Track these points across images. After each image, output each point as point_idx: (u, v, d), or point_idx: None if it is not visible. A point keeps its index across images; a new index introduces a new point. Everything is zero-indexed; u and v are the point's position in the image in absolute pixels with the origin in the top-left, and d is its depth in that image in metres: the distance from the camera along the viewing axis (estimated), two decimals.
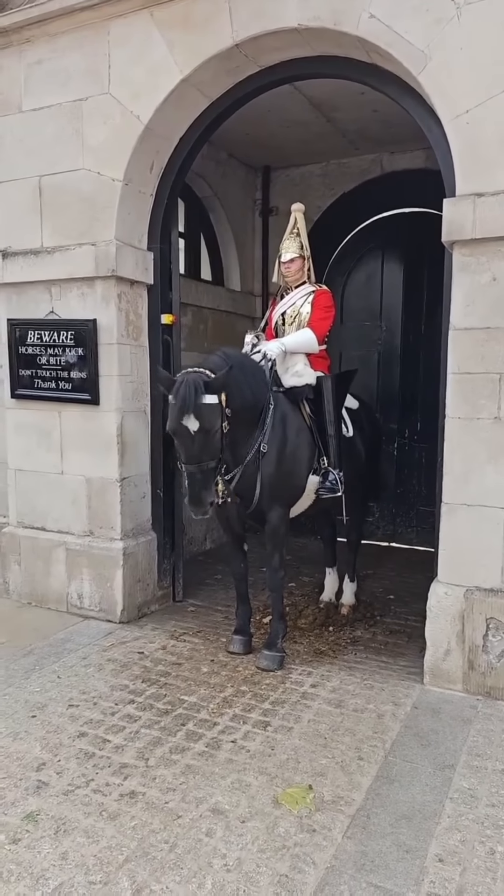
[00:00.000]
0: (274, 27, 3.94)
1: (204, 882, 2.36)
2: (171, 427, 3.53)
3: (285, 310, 4.44)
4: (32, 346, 4.94)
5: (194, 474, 3.52)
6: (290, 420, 4.05)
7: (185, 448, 3.52)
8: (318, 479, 4.18)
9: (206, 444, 3.51)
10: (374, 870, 2.43)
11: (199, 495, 3.53)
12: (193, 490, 3.54)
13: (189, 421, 3.45)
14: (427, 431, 6.48)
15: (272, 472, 3.89)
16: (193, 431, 3.46)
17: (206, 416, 3.47)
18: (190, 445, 3.49)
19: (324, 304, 4.36)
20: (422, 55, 3.59)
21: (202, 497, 3.53)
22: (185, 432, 3.47)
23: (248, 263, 7.14)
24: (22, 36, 4.70)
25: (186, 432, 3.47)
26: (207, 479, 3.55)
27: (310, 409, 4.23)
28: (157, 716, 3.47)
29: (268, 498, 3.93)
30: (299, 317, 4.38)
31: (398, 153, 6.47)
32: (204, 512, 3.56)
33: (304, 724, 3.40)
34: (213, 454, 3.56)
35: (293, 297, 4.43)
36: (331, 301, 4.41)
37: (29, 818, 2.69)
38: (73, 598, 4.94)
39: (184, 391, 3.46)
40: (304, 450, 4.10)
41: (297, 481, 4.07)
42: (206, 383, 3.49)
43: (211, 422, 3.49)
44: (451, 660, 3.75)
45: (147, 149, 4.52)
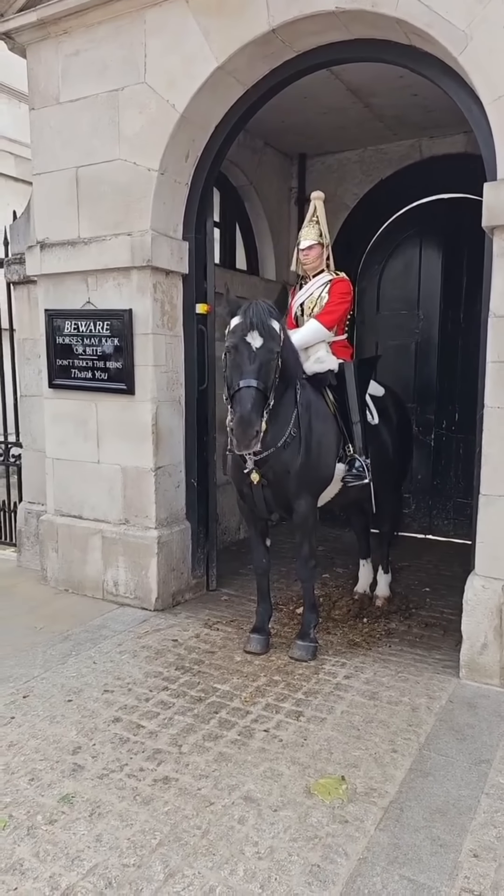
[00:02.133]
0: (311, 10, 3.88)
1: (236, 869, 2.37)
2: (233, 342, 3.48)
3: (304, 300, 4.38)
4: (69, 336, 4.99)
5: (247, 394, 3.39)
6: (315, 407, 4.01)
7: (242, 365, 3.44)
8: (344, 466, 4.14)
9: (263, 367, 3.46)
10: (408, 863, 2.42)
11: (248, 418, 3.34)
12: (244, 411, 3.36)
13: (253, 337, 3.45)
14: (465, 422, 6.38)
15: (301, 460, 3.86)
16: (255, 348, 3.45)
17: (269, 337, 3.48)
18: (248, 362, 3.44)
19: (338, 293, 4.28)
20: (462, 35, 3.50)
21: (251, 420, 3.35)
22: (246, 348, 3.45)
23: (283, 252, 7.08)
24: (59, 27, 4.72)
25: (248, 348, 3.45)
26: (258, 403, 3.42)
27: (333, 397, 4.20)
28: (191, 703, 3.49)
29: (296, 486, 3.90)
30: (318, 306, 4.32)
31: (437, 138, 6.35)
32: (248, 443, 3.38)
33: (338, 715, 3.39)
34: (266, 382, 3.48)
35: (311, 287, 4.37)
36: (347, 289, 4.33)
37: (65, 800, 2.74)
38: (109, 585, 5.00)
39: (252, 310, 3.49)
40: (331, 437, 4.06)
41: (324, 469, 4.04)
42: (274, 309, 3.56)
43: (271, 346, 3.50)
44: (488, 654, 3.69)
45: (182, 138, 4.51)
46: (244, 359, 3.46)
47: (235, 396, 3.46)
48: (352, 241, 6.73)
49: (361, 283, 6.95)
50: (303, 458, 3.86)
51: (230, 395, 3.52)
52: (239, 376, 3.45)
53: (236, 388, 3.45)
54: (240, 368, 3.46)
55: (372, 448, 4.32)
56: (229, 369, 3.54)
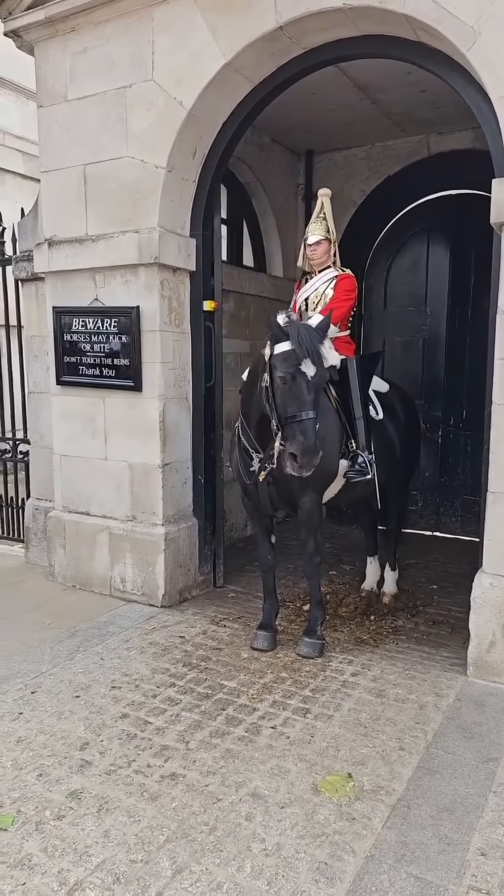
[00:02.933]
0: (318, 7, 3.87)
1: (243, 865, 2.38)
2: (290, 372, 3.41)
3: (308, 295, 4.37)
4: (77, 333, 5.00)
5: (310, 425, 3.39)
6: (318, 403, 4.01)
7: (299, 395, 3.41)
8: (346, 462, 4.13)
9: (317, 395, 3.48)
10: (415, 861, 2.42)
11: (314, 448, 3.37)
12: (309, 443, 3.36)
13: (307, 366, 3.41)
14: (473, 419, 6.36)
15: None
16: (310, 377, 3.42)
17: (321, 364, 3.47)
18: (305, 392, 3.42)
19: (344, 289, 4.28)
20: (471, 31, 3.48)
21: (316, 449, 3.38)
22: (302, 378, 3.42)
23: (290, 249, 7.06)
24: (67, 25, 4.72)
25: (304, 378, 3.42)
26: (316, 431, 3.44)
27: (335, 392, 4.19)
28: (198, 700, 3.50)
29: (300, 482, 3.89)
30: (323, 302, 4.31)
31: (445, 134, 6.32)
32: (311, 468, 3.41)
33: (345, 712, 3.39)
34: (318, 407, 3.50)
35: (316, 282, 4.36)
36: (353, 285, 4.32)
37: (73, 796, 2.75)
38: (116, 581, 5.02)
39: (304, 336, 3.42)
40: (333, 432, 4.05)
41: (328, 464, 4.02)
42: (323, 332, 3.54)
43: (323, 373, 3.51)
44: (496, 652, 3.68)
45: (190, 135, 4.51)
46: (301, 389, 3.42)
47: (294, 426, 3.42)
48: (359, 238, 6.70)
49: (369, 280, 6.93)
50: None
51: (283, 423, 3.47)
52: (297, 407, 3.42)
53: (296, 418, 3.42)
54: (297, 399, 3.42)
55: (377, 444, 4.31)
56: (282, 397, 3.47)
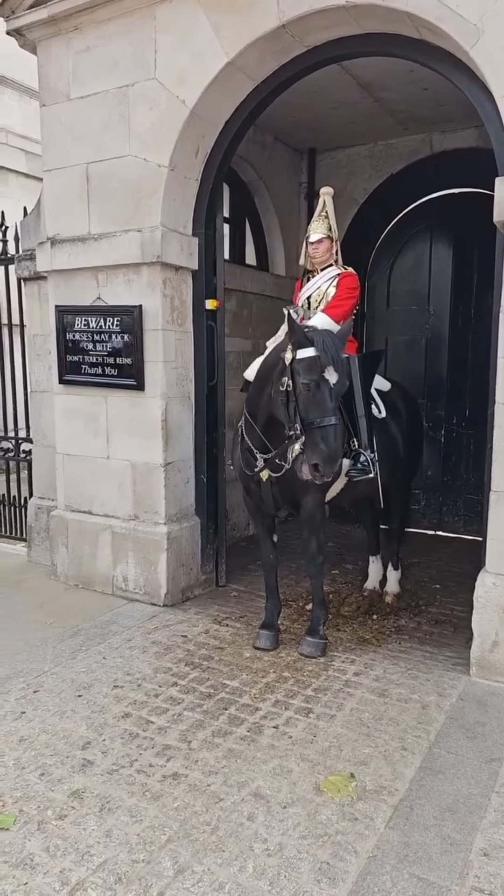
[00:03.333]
0: (321, 5, 3.85)
1: (245, 865, 2.37)
2: (314, 379, 3.42)
3: (311, 293, 4.36)
4: (79, 332, 5.00)
5: (333, 431, 3.43)
6: None
7: (323, 402, 3.43)
8: (348, 461, 4.13)
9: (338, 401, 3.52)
10: (417, 861, 2.41)
11: (337, 455, 3.44)
12: (332, 450, 3.40)
13: (330, 373, 3.44)
14: (476, 418, 6.34)
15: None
16: (333, 384, 3.45)
17: (342, 371, 3.50)
18: (329, 399, 3.45)
19: (346, 287, 4.25)
20: (474, 29, 3.47)
21: (339, 454, 3.46)
22: (325, 385, 3.44)
23: (293, 248, 7.05)
24: (70, 24, 4.71)
25: (327, 385, 3.44)
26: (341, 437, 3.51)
27: None
28: (200, 699, 3.50)
29: (303, 482, 3.89)
30: (325, 300, 4.30)
31: (448, 132, 6.30)
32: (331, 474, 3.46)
33: (347, 712, 3.39)
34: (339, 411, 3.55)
35: (318, 281, 4.34)
36: (355, 284, 4.30)
37: (75, 795, 2.75)
38: (119, 580, 5.02)
39: (328, 344, 3.46)
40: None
41: None
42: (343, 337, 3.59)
43: (345, 380, 3.54)
44: (499, 651, 3.68)
45: (192, 133, 4.50)
46: (325, 396, 3.44)
47: (318, 432, 3.42)
48: (362, 236, 6.69)
49: (371, 279, 6.92)
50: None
51: (306, 428, 3.46)
52: (319, 413, 3.43)
53: (317, 424, 3.43)
54: (320, 406, 3.43)
55: (380, 443, 4.30)
56: (305, 403, 3.46)
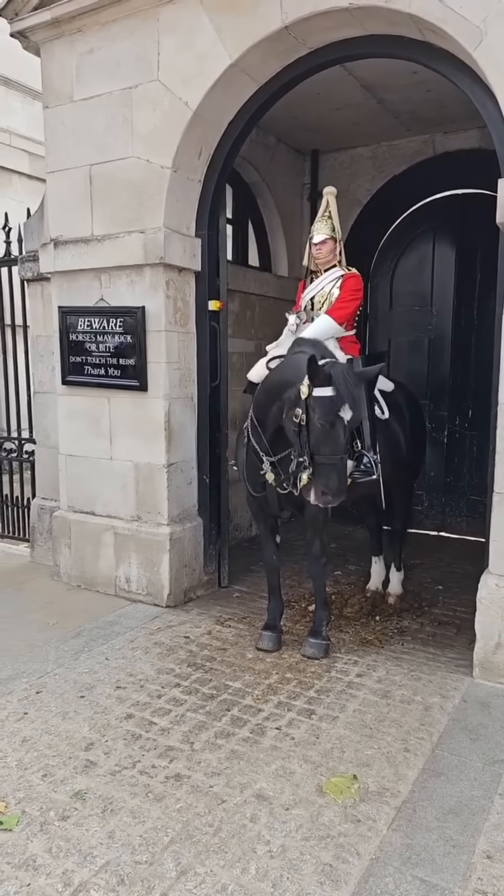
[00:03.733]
0: (324, 7, 3.85)
1: (248, 867, 2.37)
2: (329, 419, 3.44)
3: (314, 294, 4.35)
4: (82, 333, 5.01)
5: (342, 465, 3.51)
6: None
7: (335, 439, 3.46)
8: (352, 462, 4.13)
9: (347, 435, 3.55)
10: (420, 863, 2.41)
11: (344, 487, 3.50)
12: (341, 484, 3.49)
13: (345, 411, 3.46)
14: (479, 419, 6.34)
15: None
16: (346, 421, 3.48)
17: (356, 408, 3.53)
18: (341, 435, 3.48)
19: (350, 289, 4.25)
20: (477, 30, 3.47)
21: (344, 486, 3.51)
22: (340, 423, 3.46)
23: (295, 249, 7.05)
24: (73, 26, 4.72)
25: (341, 423, 3.47)
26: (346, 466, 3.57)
27: None
28: (203, 700, 3.50)
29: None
30: (329, 301, 4.30)
31: (451, 133, 6.30)
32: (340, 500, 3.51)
33: (350, 713, 3.39)
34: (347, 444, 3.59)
35: (322, 282, 4.34)
36: (359, 285, 4.30)
37: (77, 796, 2.75)
38: (121, 581, 5.02)
39: (345, 387, 3.46)
40: None
41: None
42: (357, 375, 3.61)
43: (357, 416, 3.57)
44: (502, 653, 3.67)
45: (195, 135, 4.51)
46: (339, 434, 3.46)
47: (329, 468, 3.46)
48: (364, 237, 6.69)
49: (374, 280, 6.92)
50: None
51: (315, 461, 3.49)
52: (332, 451, 3.46)
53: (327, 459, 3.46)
54: (334, 443, 3.46)
55: (382, 444, 4.30)
56: (318, 439, 3.47)
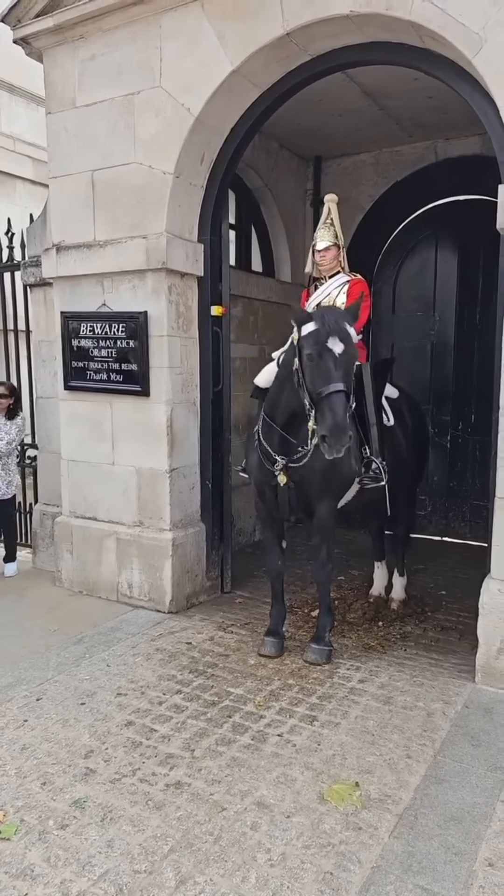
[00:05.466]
0: (325, 14, 3.87)
1: (248, 876, 2.36)
2: (316, 349, 3.40)
3: (320, 300, 4.37)
4: (85, 338, 5.02)
5: (339, 399, 3.33)
6: None
7: (327, 371, 3.37)
8: (360, 468, 4.12)
9: (347, 372, 3.44)
10: (422, 871, 2.40)
11: (344, 425, 3.31)
12: (339, 419, 3.30)
13: (335, 343, 3.41)
14: (481, 423, 6.33)
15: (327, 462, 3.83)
16: (338, 354, 3.41)
17: (349, 343, 3.46)
18: (333, 367, 3.38)
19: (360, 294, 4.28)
20: (477, 38, 3.47)
21: (346, 425, 3.33)
22: (329, 355, 3.39)
23: (298, 254, 7.05)
24: (76, 32, 4.74)
25: (331, 355, 3.39)
26: (347, 408, 3.38)
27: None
28: (204, 707, 3.49)
29: (320, 489, 3.89)
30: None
31: (453, 139, 6.31)
32: (341, 448, 3.34)
33: (352, 719, 3.37)
34: (349, 387, 3.44)
35: (327, 288, 4.35)
36: (366, 290, 4.33)
37: (77, 804, 2.74)
38: (123, 587, 5.01)
39: (329, 317, 3.45)
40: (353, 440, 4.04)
41: (348, 472, 4.02)
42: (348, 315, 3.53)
43: (352, 351, 3.48)
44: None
45: (197, 141, 4.52)
46: (329, 364, 3.39)
47: (324, 402, 3.38)
48: (367, 243, 6.70)
49: (377, 285, 6.91)
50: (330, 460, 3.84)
51: (312, 400, 3.45)
52: (325, 382, 3.38)
53: (323, 393, 3.37)
54: (325, 374, 3.39)
55: (387, 450, 4.30)
56: (310, 375, 3.45)
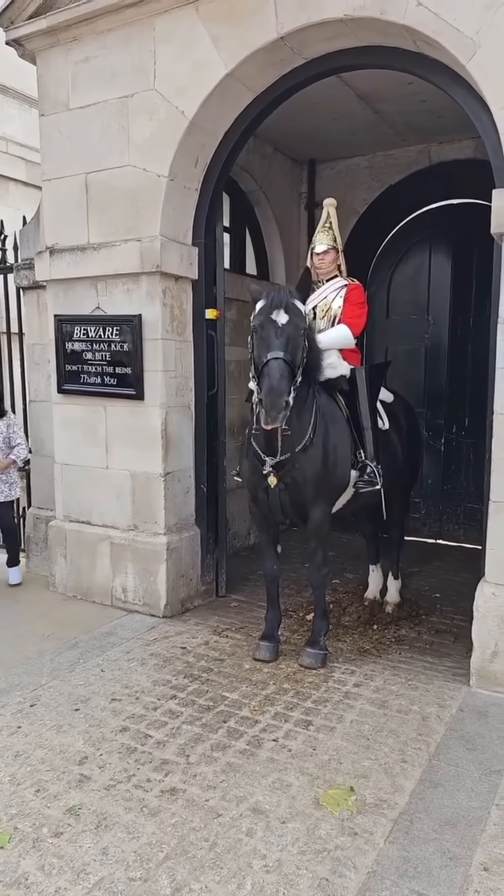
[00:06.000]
0: (319, 18, 3.88)
1: (243, 883, 2.35)
2: (260, 321, 3.57)
3: (316, 304, 4.37)
4: (79, 341, 5.00)
5: (275, 364, 3.44)
6: (330, 413, 4.01)
7: (269, 340, 3.52)
8: (356, 472, 4.12)
9: (290, 341, 3.52)
10: (417, 876, 2.39)
11: (279, 388, 3.38)
12: (273, 381, 3.40)
13: (278, 314, 3.53)
14: (475, 427, 6.35)
15: (321, 465, 3.85)
16: (281, 324, 3.51)
17: (294, 314, 3.55)
18: (274, 337, 3.51)
19: (357, 300, 4.29)
20: (471, 43, 3.48)
21: (281, 389, 3.39)
22: (272, 325, 3.53)
23: (293, 257, 7.08)
24: (69, 34, 4.74)
25: (274, 325, 3.53)
26: (287, 375, 3.45)
27: (344, 402, 4.19)
28: (199, 712, 3.47)
29: (313, 492, 3.89)
30: (330, 311, 4.31)
31: (447, 143, 6.33)
32: (276, 415, 3.38)
33: (347, 724, 3.36)
34: (294, 357, 3.53)
35: (324, 291, 4.36)
36: (364, 296, 4.34)
37: (71, 812, 2.72)
38: (118, 591, 4.99)
39: (275, 293, 3.62)
40: (346, 443, 4.06)
41: (341, 476, 4.03)
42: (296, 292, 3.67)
43: (297, 322, 3.56)
44: (498, 662, 3.66)
45: (192, 144, 4.52)
46: (270, 334, 3.52)
47: (264, 370, 3.49)
48: (362, 247, 6.70)
49: (371, 288, 6.90)
50: (321, 463, 3.85)
51: (258, 372, 3.56)
52: (266, 350, 3.51)
53: (264, 361, 3.49)
54: (267, 343, 3.52)
55: (382, 454, 4.30)
56: (256, 347, 3.60)
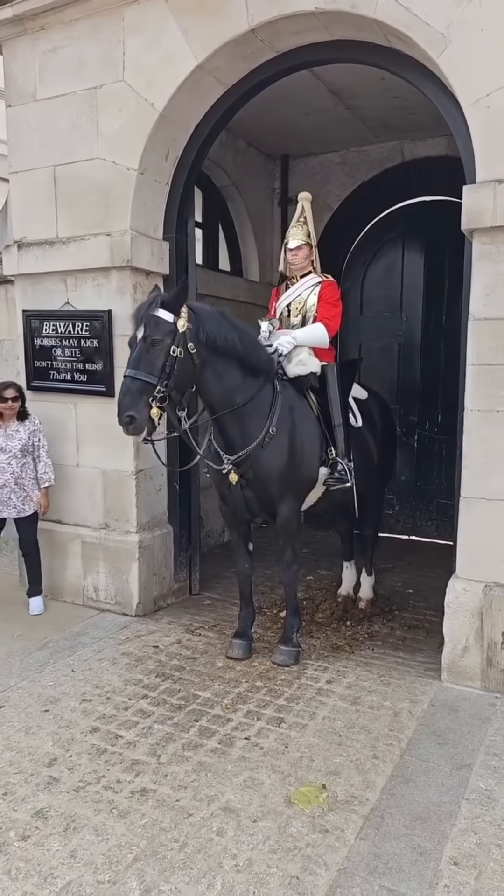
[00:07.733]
0: (290, 11, 3.85)
1: (213, 883, 2.33)
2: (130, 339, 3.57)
3: (290, 301, 4.34)
4: (48, 337, 4.93)
5: (126, 382, 3.43)
6: (297, 409, 3.99)
7: (130, 355, 3.50)
8: (326, 470, 4.11)
9: (145, 356, 3.44)
10: (388, 872, 2.39)
11: (121, 403, 3.41)
12: (119, 398, 3.46)
13: (139, 331, 3.49)
14: (448, 423, 6.38)
15: (283, 462, 3.83)
16: (137, 340, 3.48)
17: (152, 327, 3.45)
18: (132, 351, 3.49)
19: (332, 298, 4.26)
20: (441, 38, 3.48)
21: (124, 405, 3.40)
22: (132, 340, 3.52)
23: (267, 254, 7.06)
24: (37, 23, 4.65)
25: (134, 340, 3.51)
26: (132, 391, 3.42)
27: (316, 399, 4.17)
28: (171, 711, 3.45)
29: (279, 488, 3.87)
30: (305, 308, 4.29)
31: (419, 140, 6.35)
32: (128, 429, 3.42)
33: (319, 721, 3.36)
34: (151, 370, 3.44)
35: (298, 288, 4.33)
36: (338, 293, 4.31)
37: (39, 815, 2.68)
38: (89, 591, 4.94)
39: (141, 306, 3.59)
40: (314, 439, 4.04)
41: (308, 472, 4.01)
42: (162, 300, 3.53)
43: (153, 335, 3.45)
44: (469, 657, 3.68)
45: (162, 137, 4.47)
46: (131, 351, 3.51)
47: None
48: (335, 243, 6.69)
49: (344, 285, 6.89)
50: (286, 459, 3.84)
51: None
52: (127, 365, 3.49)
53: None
54: (128, 360, 3.49)
55: (355, 451, 4.29)
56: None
